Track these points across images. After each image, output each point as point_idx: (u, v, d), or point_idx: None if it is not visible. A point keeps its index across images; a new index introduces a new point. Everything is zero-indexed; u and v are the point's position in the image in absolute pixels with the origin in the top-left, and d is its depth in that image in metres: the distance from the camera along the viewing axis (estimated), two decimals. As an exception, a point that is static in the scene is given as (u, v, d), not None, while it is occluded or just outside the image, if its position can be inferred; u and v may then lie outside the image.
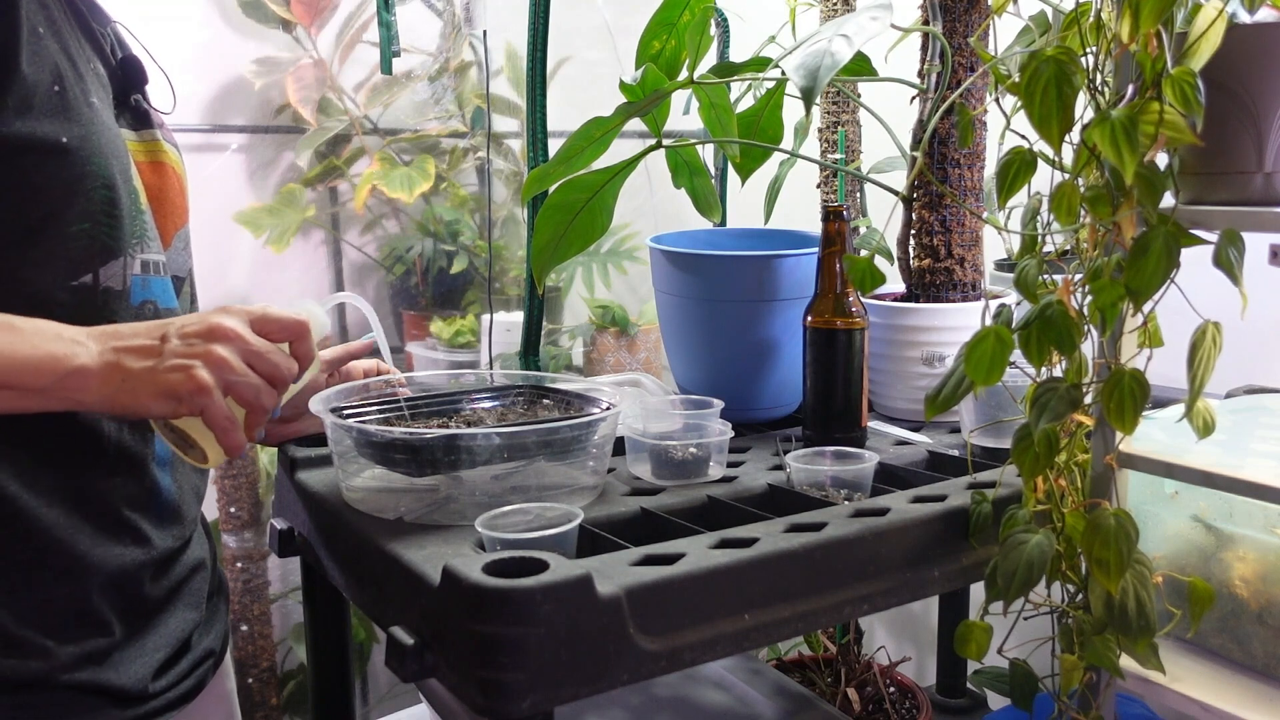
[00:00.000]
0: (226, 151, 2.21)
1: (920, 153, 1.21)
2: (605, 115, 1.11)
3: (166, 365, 0.76)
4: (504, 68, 2.41)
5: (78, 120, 0.79)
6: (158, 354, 0.77)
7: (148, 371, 0.76)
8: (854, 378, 1.10)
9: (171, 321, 0.79)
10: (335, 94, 2.29)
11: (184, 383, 0.76)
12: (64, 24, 0.83)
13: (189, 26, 2.13)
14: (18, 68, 0.75)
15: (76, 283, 0.81)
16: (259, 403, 0.80)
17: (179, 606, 0.93)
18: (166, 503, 0.91)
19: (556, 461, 0.95)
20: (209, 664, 0.97)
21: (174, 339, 0.77)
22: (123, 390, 0.76)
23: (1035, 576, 0.82)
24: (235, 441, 0.80)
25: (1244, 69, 0.77)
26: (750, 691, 1.31)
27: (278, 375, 0.81)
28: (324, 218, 2.36)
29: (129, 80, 0.92)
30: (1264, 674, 0.85)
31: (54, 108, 0.78)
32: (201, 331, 0.78)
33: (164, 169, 0.93)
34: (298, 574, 1.27)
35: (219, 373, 0.77)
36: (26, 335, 0.73)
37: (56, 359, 0.74)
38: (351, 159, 2.33)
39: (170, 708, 0.90)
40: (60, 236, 0.79)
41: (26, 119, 0.76)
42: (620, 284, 2.49)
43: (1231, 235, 0.76)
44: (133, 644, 0.88)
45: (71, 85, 0.80)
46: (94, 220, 0.81)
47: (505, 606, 0.72)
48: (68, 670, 0.82)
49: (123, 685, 0.85)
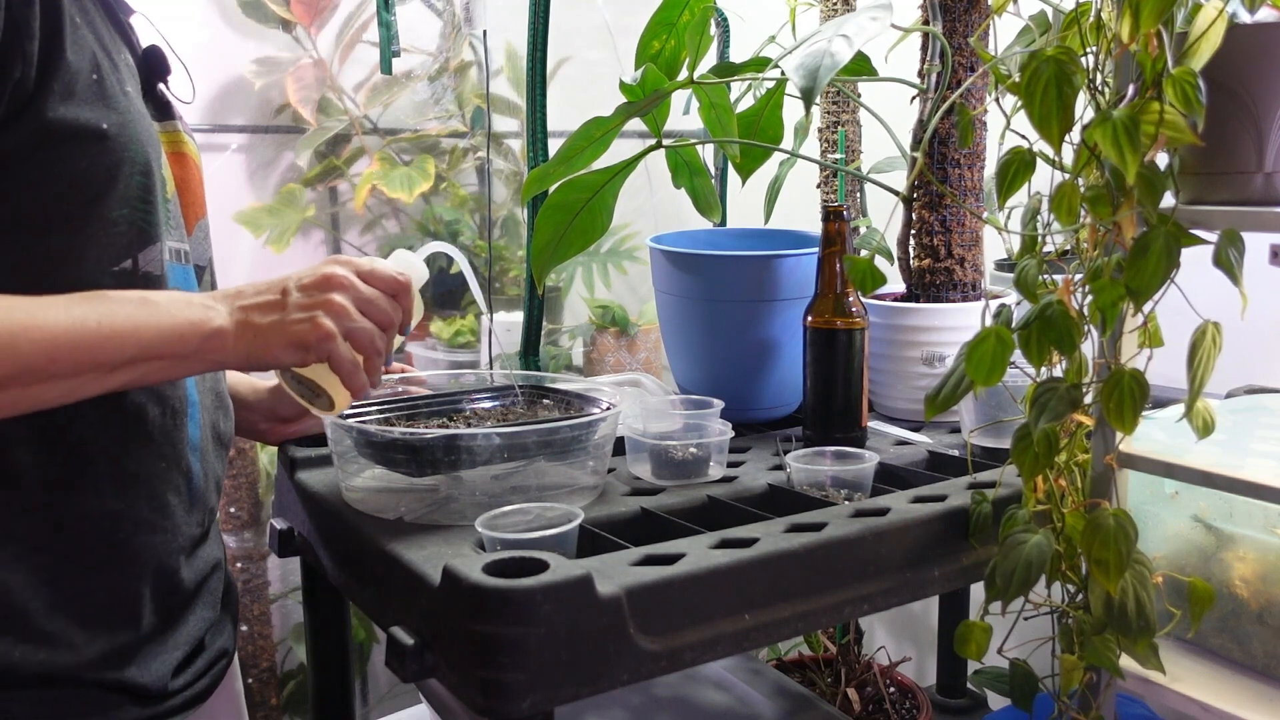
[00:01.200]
0: (226, 151, 2.21)
1: (920, 153, 1.20)
2: (605, 115, 1.11)
3: (292, 318, 0.81)
4: (504, 68, 2.40)
5: (115, 108, 0.81)
6: (282, 308, 0.81)
7: (276, 325, 0.80)
8: (854, 378, 1.10)
9: (288, 276, 0.83)
10: (335, 94, 2.29)
11: (310, 331, 0.80)
12: (95, 13, 0.84)
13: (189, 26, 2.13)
14: (63, 54, 0.77)
15: (118, 268, 0.82)
16: (374, 347, 0.84)
17: (199, 605, 0.94)
18: (195, 489, 0.92)
19: (556, 461, 0.95)
20: (223, 663, 0.97)
21: (294, 292, 0.82)
22: (255, 345, 0.80)
23: (1035, 576, 0.82)
24: (359, 383, 0.85)
25: (1244, 69, 0.77)
26: (750, 691, 1.31)
27: (389, 322, 0.85)
28: (324, 218, 2.36)
29: (152, 70, 0.93)
30: (1264, 674, 0.85)
31: (93, 95, 0.79)
32: (318, 282, 0.82)
33: (186, 159, 0.94)
34: (298, 574, 1.27)
35: (339, 320, 0.82)
36: (164, 307, 0.78)
37: (195, 325, 0.78)
38: (351, 159, 2.33)
39: (186, 707, 0.91)
40: (102, 222, 0.80)
41: (70, 105, 0.77)
42: (620, 284, 2.49)
43: (1231, 235, 0.76)
44: (156, 640, 0.88)
45: (108, 73, 0.81)
46: (132, 206, 0.82)
47: (505, 606, 0.72)
48: (94, 667, 0.82)
49: (145, 683, 0.85)
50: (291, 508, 1.08)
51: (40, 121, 0.75)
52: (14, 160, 0.76)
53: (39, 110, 0.75)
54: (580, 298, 2.49)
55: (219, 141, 2.20)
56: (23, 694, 0.80)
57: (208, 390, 0.94)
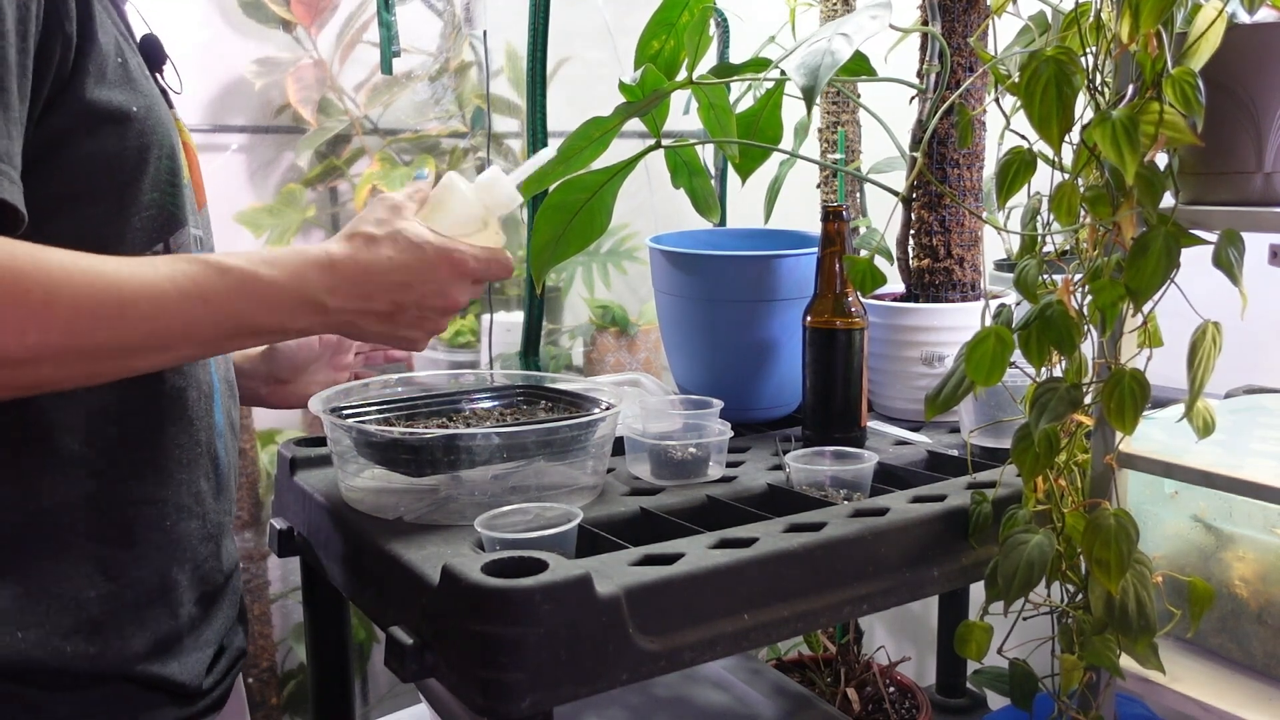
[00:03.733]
0: (227, 151, 2.21)
1: (920, 153, 1.20)
2: (605, 115, 1.11)
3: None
4: (504, 68, 2.40)
5: (140, 91, 0.81)
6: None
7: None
8: (853, 378, 1.10)
9: (413, 286, 0.83)
10: (335, 94, 2.29)
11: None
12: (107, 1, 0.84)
13: (189, 26, 2.13)
14: (95, 37, 0.77)
15: (152, 251, 0.83)
16: None
17: (224, 602, 0.94)
18: (221, 475, 0.92)
19: (556, 461, 0.95)
20: (240, 664, 0.97)
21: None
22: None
23: (1037, 577, 0.82)
24: None
25: (1244, 69, 0.77)
26: (750, 691, 1.31)
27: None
28: (324, 218, 2.36)
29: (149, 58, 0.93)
30: (1264, 674, 0.85)
31: (120, 78, 0.80)
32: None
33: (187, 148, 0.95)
34: (298, 574, 1.27)
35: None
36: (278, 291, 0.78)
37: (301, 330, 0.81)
38: (352, 159, 2.33)
39: (214, 708, 0.90)
40: (136, 206, 0.81)
41: (102, 88, 0.77)
42: (620, 284, 2.49)
43: (1231, 235, 0.76)
44: (191, 634, 0.88)
45: (130, 58, 0.82)
46: (161, 190, 0.83)
47: (505, 606, 0.72)
48: (140, 660, 0.82)
49: (184, 680, 0.85)
50: (291, 508, 1.08)
51: (80, 104, 0.76)
52: (58, 144, 0.76)
53: (78, 93, 0.76)
54: (580, 298, 2.49)
55: (219, 141, 2.20)
56: (71, 695, 0.79)
57: (223, 377, 0.95)
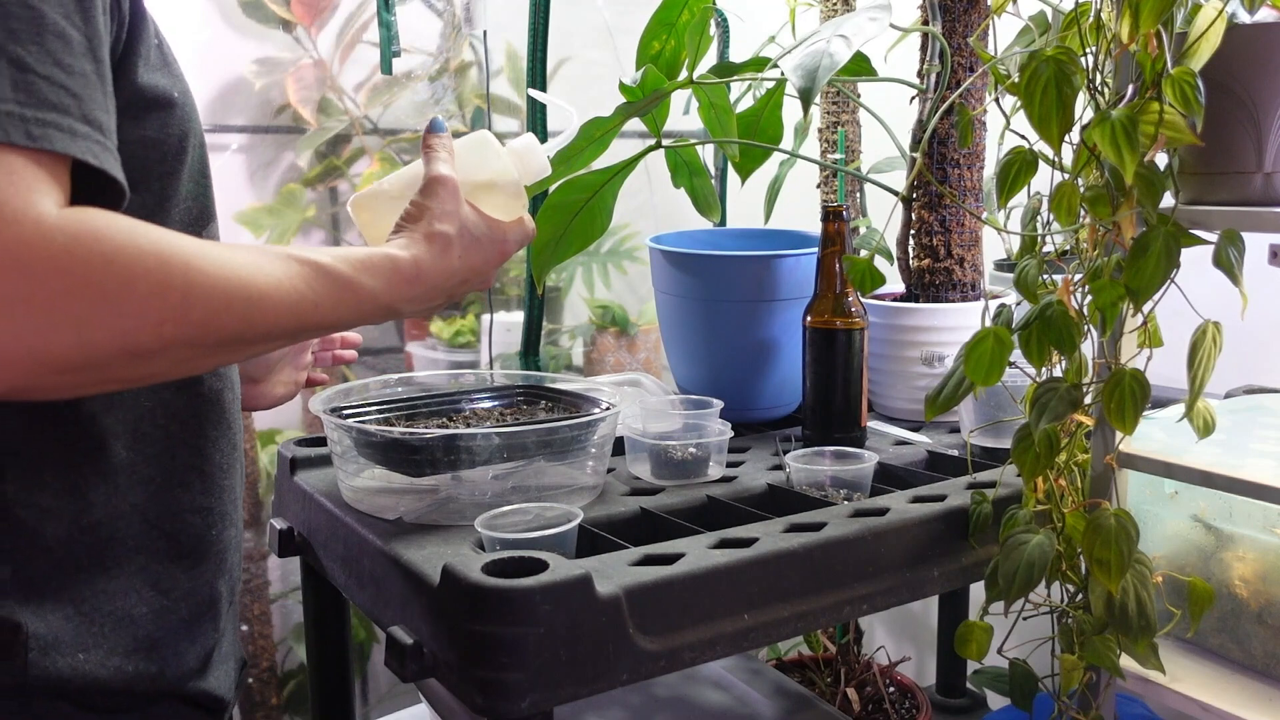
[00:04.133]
0: (227, 152, 2.21)
1: (920, 153, 1.20)
2: (605, 115, 1.11)
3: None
4: (504, 68, 2.40)
5: (177, 75, 0.80)
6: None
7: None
8: (853, 378, 1.10)
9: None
10: (335, 94, 2.29)
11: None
12: None
13: (189, 26, 2.13)
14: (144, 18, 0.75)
15: None
16: None
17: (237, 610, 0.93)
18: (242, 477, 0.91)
19: (556, 461, 0.95)
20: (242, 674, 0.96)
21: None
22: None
23: (1037, 577, 0.82)
24: None
25: (1244, 69, 0.77)
26: (750, 691, 1.31)
27: None
28: (324, 218, 2.36)
29: None
30: (1264, 674, 0.85)
31: (161, 62, 0.78)
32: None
33: None
34: (298, 574, 1.27)
35: None
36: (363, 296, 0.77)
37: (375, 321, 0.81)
38: (352, 159, 2.33)
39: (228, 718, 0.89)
40: (177, 197, 0.79)
41: (149, 71, 0.76)
42: (620, 284, 2.49)
43: (1231, 235, 0.76)
44: (221, 646, 0.85)
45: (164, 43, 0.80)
46: (196, 181, 0.81)
47: (505, 606, 0.72)
48: (189, 676, 0.79)
49: (220, 694, 0.83)
50: (291, 508, 1.08)
51: (133, 86, 0.74)
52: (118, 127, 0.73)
53: (130, 74, 0.73)
54: (580, 298, 2.49)
55: (219, 142, 2.20)
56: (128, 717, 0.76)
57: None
